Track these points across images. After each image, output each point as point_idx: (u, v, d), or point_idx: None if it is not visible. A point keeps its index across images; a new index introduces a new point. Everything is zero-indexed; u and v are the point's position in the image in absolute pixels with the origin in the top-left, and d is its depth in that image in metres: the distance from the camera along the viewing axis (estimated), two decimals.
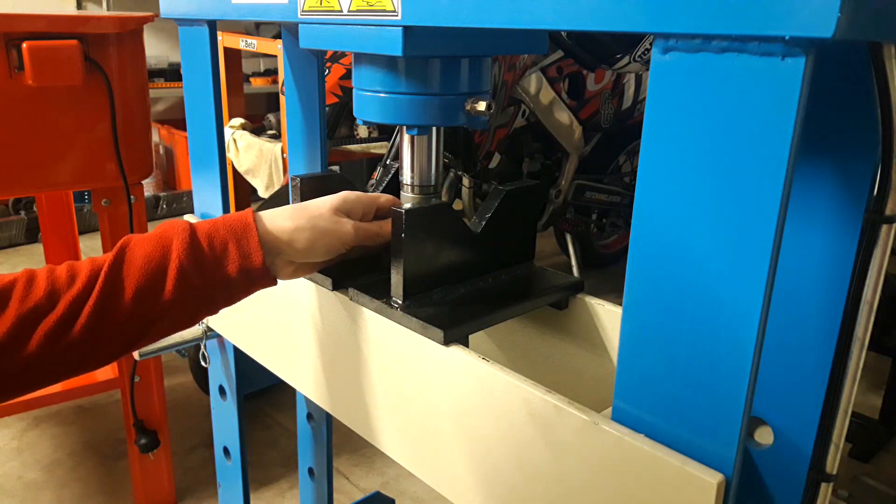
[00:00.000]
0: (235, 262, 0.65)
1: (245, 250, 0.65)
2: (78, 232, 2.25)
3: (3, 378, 0.58)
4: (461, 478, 0.66)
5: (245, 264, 0.65)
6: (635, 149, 2.93)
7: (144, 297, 0.62)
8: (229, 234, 0.65)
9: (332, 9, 0.68)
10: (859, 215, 0.48)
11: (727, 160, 0.43)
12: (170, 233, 0.64)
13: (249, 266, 0.65)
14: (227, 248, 0.65)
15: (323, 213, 0.70)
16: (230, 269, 0.65)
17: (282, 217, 0.69)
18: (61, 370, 0.61)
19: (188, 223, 0.66)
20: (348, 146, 2.37)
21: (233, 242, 0.65)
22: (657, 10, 0.43)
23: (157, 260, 0.62)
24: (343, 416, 0.82)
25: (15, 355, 0.58)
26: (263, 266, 0.66)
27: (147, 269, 0.62)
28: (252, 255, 0.65)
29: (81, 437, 2.07)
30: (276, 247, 0.68)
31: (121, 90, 1.38)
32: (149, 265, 0.62)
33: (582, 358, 0.81)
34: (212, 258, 0.64)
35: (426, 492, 1.84)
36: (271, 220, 0.68)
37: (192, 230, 0.65)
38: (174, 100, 4.71)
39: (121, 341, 0.63)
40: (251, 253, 0.65)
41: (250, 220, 0.67)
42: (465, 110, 0.70)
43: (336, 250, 0.72)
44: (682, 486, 0.48)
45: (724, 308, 0.45)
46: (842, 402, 0.50)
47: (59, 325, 0.59)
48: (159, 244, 0.63)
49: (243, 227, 0.66)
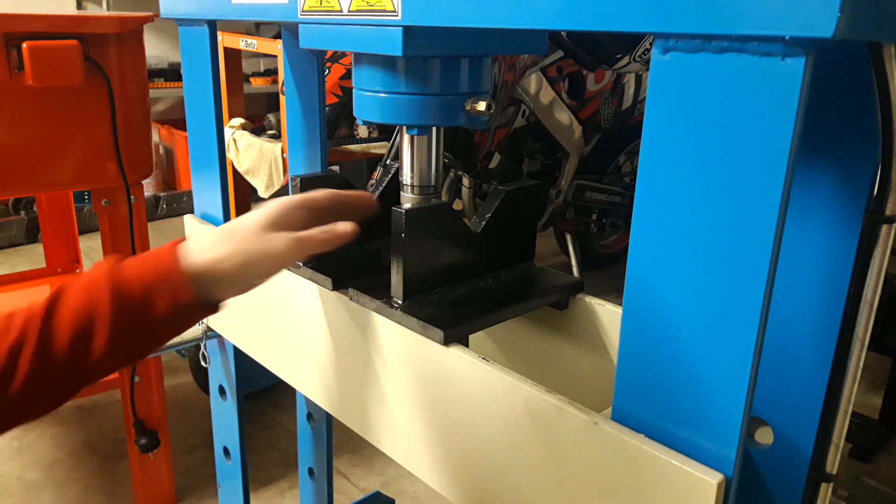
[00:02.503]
0: (165, 301, 0.62)
1: (172, 287, 0.62)
2: (78, 232, 2.25)
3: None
4: (461, 478, 0.66)
5: (174, 301, 0.63)
6: (635, 149, 2.93)
7: (78, 344, 0.60)
8: (154, 273, 0.63)
9: (332, 9, 0.68)
10: (859, 215, 0.48)
11: (727, 160, 0.43)
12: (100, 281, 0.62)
13: (180, 303, 0.63)
14: (153, 288, 0.62)
15: (248, 236, 0.64)
16: (159, 308, 0.62)
17: (208, 247, 0.65)
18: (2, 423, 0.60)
19: (113, 265, 0.63)
20: (348, 146, 2.37)
21: (159, 282, 0.63)
22: (657, 10, 0.43)
23: (86, 307, 0.61)
24: (343, 416, 0.82)
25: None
26: (195, 301, 0.63)
27: (78, 316, 0.60)
28: (179, 291, 0.62)
29: (81, 437, 2.07)
30: (207, 279, 0.64)
31: (121, 90, 1.38)
32: (79, 313, 0.60)
33: (582, 358, 0.81)
34: (141, 300, 0.62)
35: (426, 492, 1.84)
36: (199, 251, 0.64)
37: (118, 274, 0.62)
38: (174, 100, 4.71)
39: (59, 389, 0.62)
40: (178, 289, 0.62)
41: (174, 255, 0.64)
42: (465, 110, 0.70)
43: (274, 271, 0.66)
44: (682, 486, 0.48)
45: (725, 308, 0.45)
46: (842, 402, 0.50)
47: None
48: (89, 291, 0.61)
49: (168, 263, 0.63)
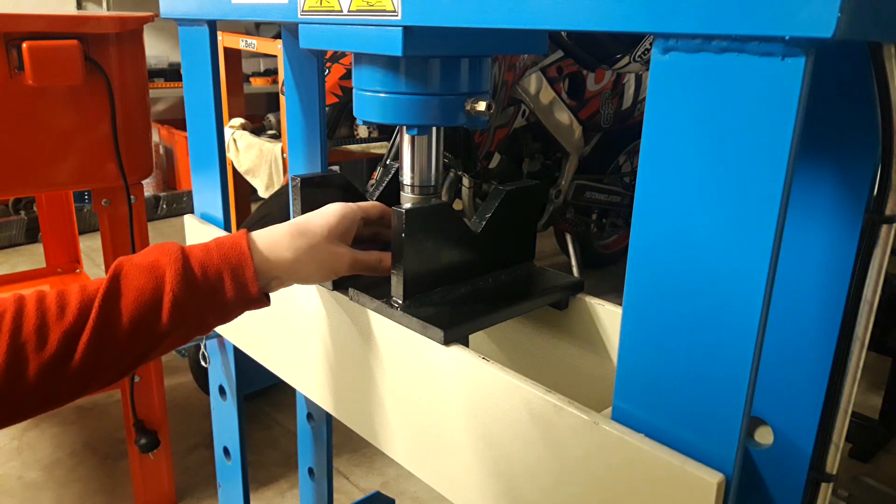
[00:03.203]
0: (231, 292, 0.64)
1: (241, 281, 0.64)
2: (78, 232, 2.25)
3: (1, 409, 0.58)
4: (461, 477, 0.66)
5: (241, 293, 0.64)
6: (635, 149, 2.92)
7: (140, 329, 0.61)
8: (223, 262, 0.64)
9: (332, 9, 0.68)
10: (859, 215, 0.48)
11: (727, 160, 0.43)
12: (162, 262, 0.62)
13: (246, 295, 0.64)
14: (221, 277, 0.63)
15: (321, 243, 0.69)
16: (226, 298, 0.64)
17: (281, 246, 0.67)
18: (59, 399, 0.60)
19: (180, 250, 0.64)
20: (348, 146, 2.37)
21: (227, 272, 0.64)
22: (657, 10, 0.43)
23: (150, 291, 0.61)
24: (343, 416, 0.82)
25: (11, 388, 0.57)
26: (260, 294, 0.65)
27: (141, 300, 0.60)
28: (248, 285, 0.64)
29: (81, 437, 2.07)
30: (274, 276, 0.67)
31: (121, 90, 1.38)
32: (142, 297, 0.60)
33: (582, 358, 0.81)
34: (206, 288, 0.63)
35: (426, 492, 1.84)
36: (270, 248, 0.67)
37: (185, 259, 0.63)
38: (174, 100, 4.71)
39: (118, 369, 0.62)
40: (247, 283, 0.64)
41: (245, 247, 0.65)
42: (465, 110, 0.70)
43: (329, 277, 0.74)
44: (682, 486, 0.48)
45: (724, 308, 0.45)
46: (842, 402, 0.50)
47: (55, 359, 0.58)
48: (152, 274, 0.61)
49: (238, 255, 0.64)
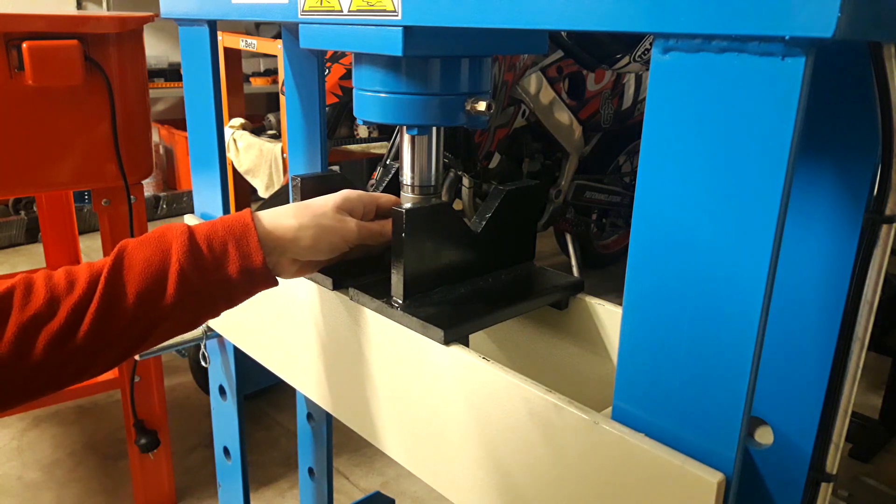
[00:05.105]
0: (236, 264, 0.65)
1: (245, 251, 0.65)
2: (78, 232, 2.25)
3: (8, 387, 0.58)
4: (461, 477, 0.66)
5: (245, 265, 0.65)
6: (635, 149, 2.93)
7: (146, 300, 0.61)
8: (228, 235, 0.65)
9: (332, 9, 0.68)
10: (859, 215, 0.48)
11: (727, 160, 0.43)
12: (168, 236, 0.64)
13: (250, 266, 0.65)
14: (226, 249, 0.65)
15: (326, 212, 0.71)
16: (230, 270, 0.64)
17: (285, 216, 0.69)
18: (65, 377, 0.61)
19: (186, 225, 0.66)
20: (348, 146, 2.37)
21: (232, 243, 0.65)
22: (657, 10, 0.43)
23: (156, 263, 0.62)
24: (343, 416, 0.82)
25: (18, 364, 0.58)
26: (264, 266, 0.66)
27: (147, 272, 0.62)
28: (252, 255, 0.65)
29: (81, 437, 2.07)
30: (279, 245, 0.68)
31: (121, 90, 1.38)
32: (149, 269, 0.62)
33: (582, 358, 0.81)
34: (211, 260, 0.64)
35: (426, 492, 1.84)
36: (272, 219, 0.68)
37: (191, 232, 0.64)
38: (174, 100, 4.71)
39: (124, 346, 0.63)
40: (251, 253, 0.65)
41: (249, 220, 0.66)
42: (465, 110, 0.70)
43: (339, 248, 0.72)
44: (682, 486, 0.48)
45: (725, 308, 0.45)
46: (842, 402, 0.50)
47: (62, 332, 0.59)
48: (158, 247, 0.63)
49: (242, 227, 0.66)
